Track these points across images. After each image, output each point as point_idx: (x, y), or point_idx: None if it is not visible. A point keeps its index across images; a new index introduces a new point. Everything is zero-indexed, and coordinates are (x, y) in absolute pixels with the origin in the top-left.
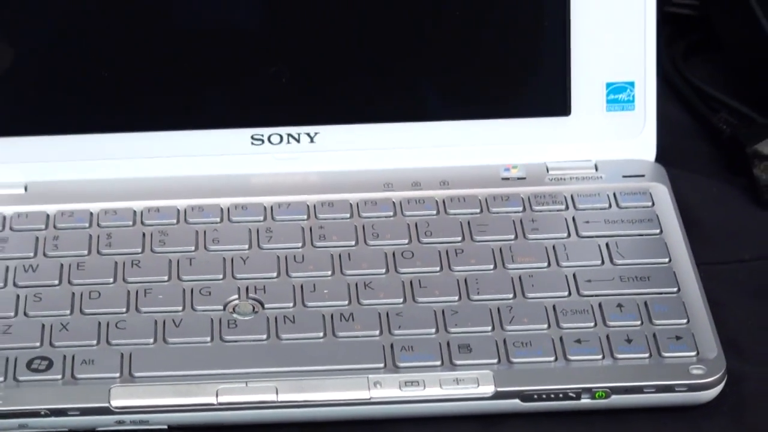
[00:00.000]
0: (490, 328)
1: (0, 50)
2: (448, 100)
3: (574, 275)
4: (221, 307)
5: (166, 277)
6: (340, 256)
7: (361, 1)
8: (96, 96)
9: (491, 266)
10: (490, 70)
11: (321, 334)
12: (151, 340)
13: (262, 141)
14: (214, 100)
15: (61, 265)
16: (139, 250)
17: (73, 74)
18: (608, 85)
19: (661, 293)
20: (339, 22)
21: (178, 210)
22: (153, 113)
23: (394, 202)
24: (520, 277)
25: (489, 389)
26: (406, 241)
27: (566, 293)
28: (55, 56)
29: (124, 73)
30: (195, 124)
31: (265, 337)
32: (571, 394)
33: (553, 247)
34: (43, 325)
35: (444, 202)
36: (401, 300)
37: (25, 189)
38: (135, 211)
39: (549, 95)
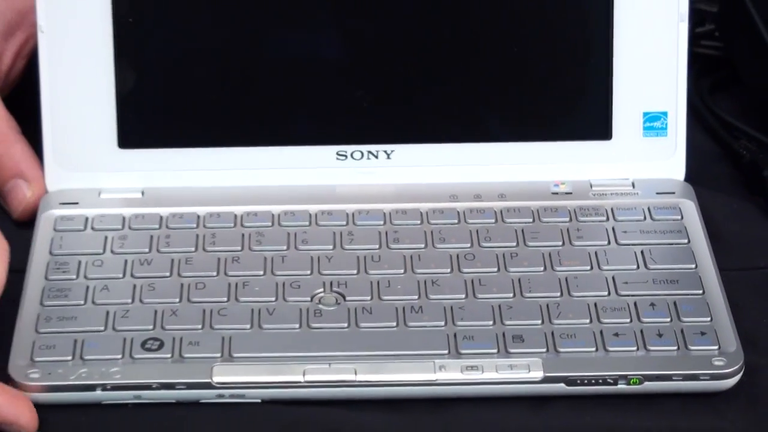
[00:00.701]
0: (539, 321)
1: (124, 76)
2: (507, 124)
3: (613, 277)
4: (308, 299)
5: (261, 272)
6: (411, 257)
7: (432, 41)
8: (204, 116)
9: (541, 268)
10: (543, 100)
11: (394, 324)
12: (248, 326)
13: (346, 157)
14: (305, 121)
15: (172, 260)
16: (239, 248)
17: (186, 98)
18: (645, 114)
19: (688, 294)
20: (413, 56)
21: (273, 215)
22: (253, 131)
23: (458, 212)
24: (566, 278)
25: (538, 375)
26: (468, 245)
27: (606, 293)
28: (171, 83)
29: (229, 97)
30: (288, 141)
31: (346, 325)
32: (609, 380)
33: (595, 252)
34: (156, 311)
35: (501, 212)
36: (463, 296)
37: (142, 194)
38: (236, 215)
39: (594, 122)
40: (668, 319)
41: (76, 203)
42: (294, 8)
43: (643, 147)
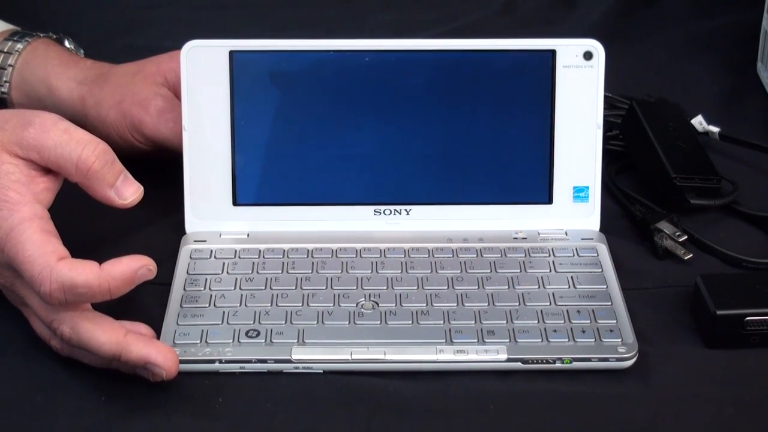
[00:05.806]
0: (505, 322)
1: (237, 159)
2: (486, 193)
3: (553, 293)
4: (355, 305)
5: (324, 287)
6: (421, 278)
7: (437, 142)
8: (289, 185)
9: (506, 287)
10: (509, 179)
11: (410, 322)
12: (315, 322)
13: (380, 213)
14: (355, 190)
15: (266, 278)
16: (310, 271)
17: (277, 174)
18: (575, 187)
19: (601, 305)
20: (425, 151)
21: (333, 250)
22: (321, 195)
23: (452, 249)
24: (522, 294)
25: (504, 356)
26: (459, 271)
27: (548, 303)
28: (267, 163)
29: (306, 173)
30: (343, 202)
31: (379, 322)
32: (550, 360)
33: (541, 277)
34: (255, 312)
35: (480, 250)
36: (455, 304)
37: (248, 235)
38: (308, 250)
39: (541, 193)
40: (588, 321)
41: (205, 241)
42: (350, 119)
43: (573, 209)
